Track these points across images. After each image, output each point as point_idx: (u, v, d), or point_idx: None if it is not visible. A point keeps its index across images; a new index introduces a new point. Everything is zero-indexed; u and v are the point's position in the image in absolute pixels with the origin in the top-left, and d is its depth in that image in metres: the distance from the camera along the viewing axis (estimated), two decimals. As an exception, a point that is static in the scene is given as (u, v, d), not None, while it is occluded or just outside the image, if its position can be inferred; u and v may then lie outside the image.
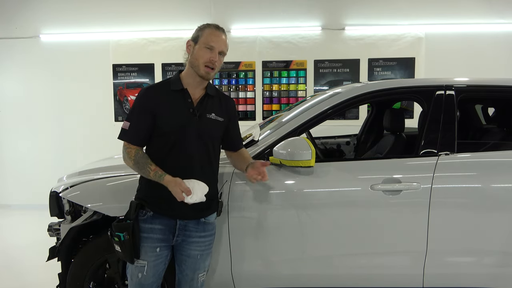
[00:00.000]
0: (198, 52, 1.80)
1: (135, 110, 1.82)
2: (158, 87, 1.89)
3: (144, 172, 1.77)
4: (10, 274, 3.47)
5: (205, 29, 1.83)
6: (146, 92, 1.85)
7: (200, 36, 1.82)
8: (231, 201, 2.12)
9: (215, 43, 1.79)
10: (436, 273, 2.18)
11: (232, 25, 5.19)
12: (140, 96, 1.84)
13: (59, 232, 2.42)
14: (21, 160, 5.59)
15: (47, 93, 5.45)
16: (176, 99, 1.83)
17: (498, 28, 4.96)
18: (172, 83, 1.86)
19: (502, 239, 2.14)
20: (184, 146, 1.81)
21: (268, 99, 5.28)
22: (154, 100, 1.81)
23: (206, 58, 1.78)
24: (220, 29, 1.84)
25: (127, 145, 1.81)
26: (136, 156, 1.78)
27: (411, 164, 2.23)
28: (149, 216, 1.82)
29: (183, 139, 1.81)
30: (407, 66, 5.09)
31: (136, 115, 1.81)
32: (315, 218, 2.16)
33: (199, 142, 1.84)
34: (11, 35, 5.42)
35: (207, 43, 1.79)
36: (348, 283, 2.23)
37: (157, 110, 1.79)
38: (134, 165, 1.79)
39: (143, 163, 1.77)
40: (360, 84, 2.48)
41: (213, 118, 1.88)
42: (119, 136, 1.83)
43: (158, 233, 1.82)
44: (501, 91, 2.38)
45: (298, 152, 2.02)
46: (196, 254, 1.88)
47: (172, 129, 1.80)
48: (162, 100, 1.81)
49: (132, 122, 1.80)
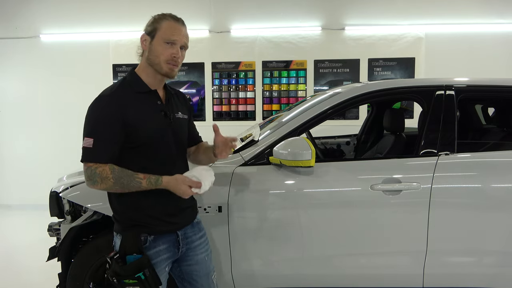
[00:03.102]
0: (157, 48, 1.57)
1: (98, 123, 1.51)
2: (120, 92, 1.57)
3: (132, 186, 1.51)
4: (10, 274, 3.47)
5: (162, 21, 1.59)
6: (109, 99, 1.54)
7: (157, 30, 1.58)
8: (231, 201, 2.12)
9: (176, 37, 1.58)
10: (436, 273, 2.18)
11: (232, 25, 5.19)
12: (101, 106, 1.53)
13: (59, 232, 2.42)
14: (21, 160, 5.59)
15: (47, 93, 5.45)
16: (145, 103, 1.59)
17: (498, 28, 4.96)
18: (134, 85, 1.61)
19: (502, 239, 2.14)
20: (164, 155, 1.62)
21: (268, 99, 5.28)
22: (121, 108, 1.52)
23: (167, 54, 1.57)
24: (180, 21, 1.63)
25: (96, 165, 1.49)
26: (114, 173, 1.49)
27: (411, 164, 2.23)
28: (150, 241, 1.61)
29: (162, 147, 1.61)
30: (407, 66, 5.09)
31: (101, 128, 1.50)
32: (315, 218, 2.16)
33: (176, 147, 1.68)
34: (11, 35, 5.42)
35: (167, 38, 1.56)
36: (348, 283, 2.23)
37: (128, 119, 1.52)
38: (115, 184, 1.49)
39: (127, 175, 1.50)
40: (360, 84, 2.48)
41: (181, 117, 1.73)
42: (82, 158, 1.51)
43: (165, 252, 1.65)
44: (501, 91, 2.38)
45: (298, 152, 2.02)
46: (203, 256, 1.77)
47: (150, 139, 1.57)
48: (130, 106, 1.55)
49: (97, 137, 1.49)
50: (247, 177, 2.17)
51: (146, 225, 1.60)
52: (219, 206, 2.12)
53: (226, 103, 5.31)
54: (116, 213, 1.65)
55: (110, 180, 1.49)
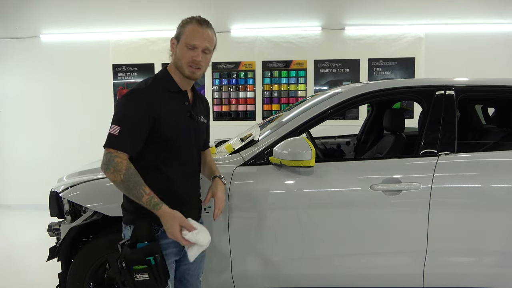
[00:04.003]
0: (180, 52, 1.64)
1: (128, 115, 1.56)
2: (154, 88, 1.64)
3: (134, 193, 1.51)
4: (10, 274, 3.47)
5: (186, 25, 1.64)
6: (143, 95, 1.60)
7: (181, 34, 1.64)
8: (231, 201, 2.12)
9: (198, 41, 1.62)
10: (436, 273, 2.18)
11: (232, 25, 5.19)
12: (134, 99, 1.59)
13: (59, 232, 2.42)
14: (21, 160, 5.59)
15: (47, 93, 5.45)
16: (174, 102, 1.67)
17: (498, 28, 4.96)
18: (166, 83, 1.67)
19: (502, 239, 2.14)
20: (186, 154, 1.69)
21: (268, 99, 5.28)
22: (153, 104, 1.59)
23: (188, 58, 1.62)
24: (204, 24, 1.65)
25: (116, 153, 1.51)
26: (128, 171, 1.50)
27: (411, 164, 2.23)
28: (162, 231, 1.62)
29: (185, 146, 1.68)
30: (407, 66, 5.09)
31: (130, 119, 1.55)
32: (315, 218, 2.16)
33: (196, 148, 1.76)
34: (11, 35, 5.42)
35: (188, 42, 1.61)
36: (348, 283, 2.23)
37: (160, 114, 1.58)
38: (122, 182, 1.50)
39: (136, 182, 1.51)
40: (360, 84, 2.48)
41: (202, 121, 1.80)
42: (106, 143, 1.54)
43: (173, 246, 1.67)
44: (501, 91, 2.38)
45: (298, 152, 2.02)
46: (199, 257, 1.75)
47: (176, 136, 1.64)
48: (161, 103, 1.61)
49: (125, 127, 1.53)
50: (247, 177, 2.17)
51: (155, 216, 1.59)
52: (219, 206, 2.12)
53: (226, 103, 5.31)
54: (129, 203, 1.64)
55: (120, 176, 1.50)
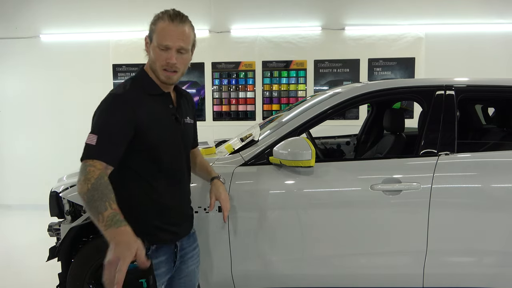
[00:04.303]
0: (154, 53, 1.46)
1: (106, 122, 1.39)
2: (133, 92, 1.47)
3: (96, 205, 1.24)
4: (10, 274, 3.47)
5: (157, 23, 1.44)
6: (122, 99, 1.43)
7: (153, 33, 1.45)
8: (231, 201, 2.12)
9: (170, 41, 1.42)
10: (436, 273, 2.18)
11: (232, 25, 5.19)
12: (112, 105, 1.42)
13: (59, 232, 2.42)
14: (21, 160, 5.59)
15: (47, 93, 5.45)
16: (157, 106, 1.51)
17: (498, 28, 4.96)
18: (146, 86, 1.51)
19: (502, 239, 2.14)
20: (174, 161, 1.54)
21: (268, 99, 5.28)
22: (133, 110, 1.42)
23: (161, 60, 1.44)
24: (177, 19, 1.44)
25: (92, 162, 1.32)
26: (98, 181, 1.28)
27: (411, 164, 2.23)
28: (153, 250, 1.51)
29: (172, 153, 1.53)
30: (407, 66, 5.09)
31: (109, 127, 1.38)
32: (315, 218, 2.16)
33: (184, 153, 1.62)
34: (11, 35, 5.41)
35: (160, 42, 1.43)
36: (348, 283, 2.23)
37: (142, 120, 1.43)
38: (88, 191, 1.26)
39: (104, 194, 1.26)
40: (360, 84, 2.48)
41: (188, 122, 1.65)
42: (83, 155, 1.35)
43: (164, 265, 1.54)
44: (501, 91, 2.38)
45: (298, 152, 2.01)
46: (193, 268, 1.69)
47: (160, 143, 1.49)
48: (143, 108, 1.45)
49: (103, 135, 1.36)
50: (247, 177, 2.17)
51: (149, 233, 1.48)
52: (219, 206, 2.11)
53: (226, 103, 5.31)
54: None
55: (88, 185, 1.27)
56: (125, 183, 1.46)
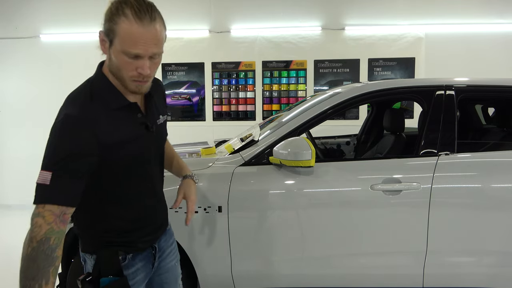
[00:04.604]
0: (118, 60, 1.17)
1: (60, 152, 1.13)
2: (91, 109, 1.19)
3: (33, 278, 1.06)
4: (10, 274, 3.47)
5: (118, 20, 1.12)
6: (79, 120, 1.15)
7: (114, 33, 1.14)
8: (231, 201, 2.12)
9: (141, 48, 1.14)
10: (436, 273, 2.18)
11: (232, 25, 5.18)
12: (68, 128, 1.14)
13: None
14: (21, 160, 5.58)
15: (47, 93, 5.44)
16: (122, 120, 1.25)
17: (498, 28, 4.96)
18: (108, 97, 1.23)
19: (502, 239, 2.14)
20: (147, 174, 1.37)
21: (268, 99, 5.28)
22: (98, 128, 1.17)
23: (131, 70, 1.18)
24: (146, 18, 1.12)
25: (42, 211, 1.10)
26: (40, 246, 1.07)
27: (411, 164, 2.23)
28: (129, 258, 1.37)
29: (145, 166, 1.35)
30: (407, 66, 5.09)
31: (65, 159, 1.12)
32: (315, 218, 2.16)
33: (158, 162, 1.45)
34: (11, 35, 5.41)
35: (127, 50, 1.14)
36: (348, 283, 2.23)
37: (107, 141, 1.19)
38: (25, 260, 1.08)
39: (39, 270, 1.07)
40: (360, 84, 2.48)
41: (162, 122, 1.43)
42: (36, 199, 1.12)
43: (142, 271, 1.41)
44: (501, 91, 2.38)
45: (298, 152, 2.01)
46: (174, 263, 1.59)
47: (133, 160, 1.28)
48: (105, 127, 1.19)
49: (59, 170, 1.12)
50: (247, 177, 2.17)
51: (125, 245, 1.35)
52: (219, 206, 2.12)
53: (226, 103, 5.31)
54: (84, 232, 1.36)
55: (28, 249, 1.08)
56: (94, 205, 1.29)
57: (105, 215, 1.32)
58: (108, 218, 1.32)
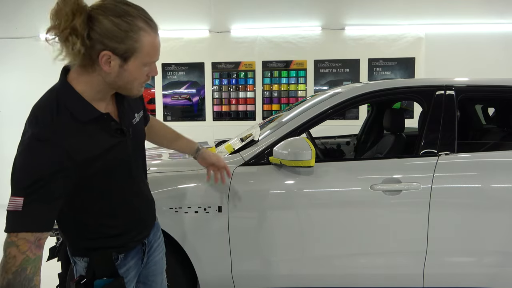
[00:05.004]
0: (133, 72, 1.16)
1: (30, 175, 1.06)
2: (59, 125, 1.11)
3: None
4: (10, 274, 3.46)
5: (140, 36, 1.11)
6: (48, 139, 1.08)
7: (136, 50, 1.12)
8: (231, 201, 2.12)
9: (158, 56, 1.20)
10: (436, 273, 2.18)
11: (232, 25, 5.18)
12: (37, 149, 1.08)
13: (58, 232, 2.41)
14: (21, 160, 5.59)
15: (47, 93, 5.46)
16: (97, 129, 1.19)
17: (498, 28, 4.96)
18: (77, 111, 1.14)
19: (502, 239, 2.14)
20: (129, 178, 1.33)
21: (268, 99, 5.28)
22: (69, 146, 1.09)
23: (143, 77, 1.20)
24: (156, 27, 1.18)
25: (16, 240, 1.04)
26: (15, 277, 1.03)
27: (411, 164, 2.23)
28: (122, 258, 1.35)
29: (126, 172, 1.31)
30: (407, 66, 5.09)
31: (34, 183, 1.05)
32: (315, 218, 2.16)
33: (139, 158, 1.40)
34: (11, 35, 5.41)
35: (151, 60, 1.17)
36: (348, 283, 2.23)
37: (80, 158, 1.12)
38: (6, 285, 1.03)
39: None
40: (360, 84, 2.48)
41: (138, 120, 1.38)
42: (7, 227, 1.05)
43: (133, 269, 1.40)
44: (501, 91, 2.38)
45: (298, 152, 2.01)
46: (161, 256, 1.58)
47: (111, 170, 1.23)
48: (80, 142, 1.12)
49: (31, 195, 1.04)
50: (247, 177, 2.17)
51: (116, 247, 1.34)
52: (219, 206, 2.12)
53: (226, 103, 5.31)
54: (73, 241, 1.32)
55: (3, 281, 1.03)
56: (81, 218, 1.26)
57: (94, 224, 1.28)
58: (97, 227, 1.29)
